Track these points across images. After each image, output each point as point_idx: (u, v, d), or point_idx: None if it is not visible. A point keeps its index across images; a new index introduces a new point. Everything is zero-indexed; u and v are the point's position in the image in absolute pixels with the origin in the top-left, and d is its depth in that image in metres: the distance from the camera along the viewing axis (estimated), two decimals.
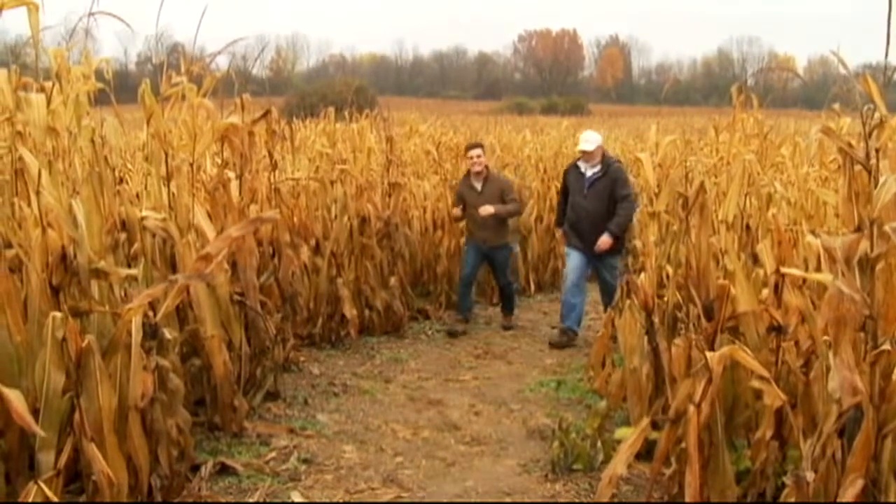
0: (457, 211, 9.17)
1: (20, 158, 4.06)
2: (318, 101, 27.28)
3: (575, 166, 8.71)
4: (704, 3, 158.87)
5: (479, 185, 8.89)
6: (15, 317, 3.68)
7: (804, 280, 4.29)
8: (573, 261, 8.60)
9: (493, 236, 8.94)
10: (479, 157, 8.88)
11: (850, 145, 3.55)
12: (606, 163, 8.47)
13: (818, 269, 4.27)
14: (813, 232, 4.92)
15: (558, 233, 9.11)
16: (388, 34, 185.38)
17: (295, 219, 7.72)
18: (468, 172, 9.03)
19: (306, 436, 5.59)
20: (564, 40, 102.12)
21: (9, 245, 3.84)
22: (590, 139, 8.54)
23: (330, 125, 10.20)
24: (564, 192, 8.85)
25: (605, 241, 8.28)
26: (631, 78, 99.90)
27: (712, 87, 75.99)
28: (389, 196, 8.89)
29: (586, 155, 8.46)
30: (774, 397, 3.90)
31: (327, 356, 7.67)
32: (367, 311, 8.39)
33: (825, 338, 3.62)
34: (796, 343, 4.29)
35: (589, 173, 8.47)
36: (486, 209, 8.64)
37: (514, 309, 9.54)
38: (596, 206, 8.35)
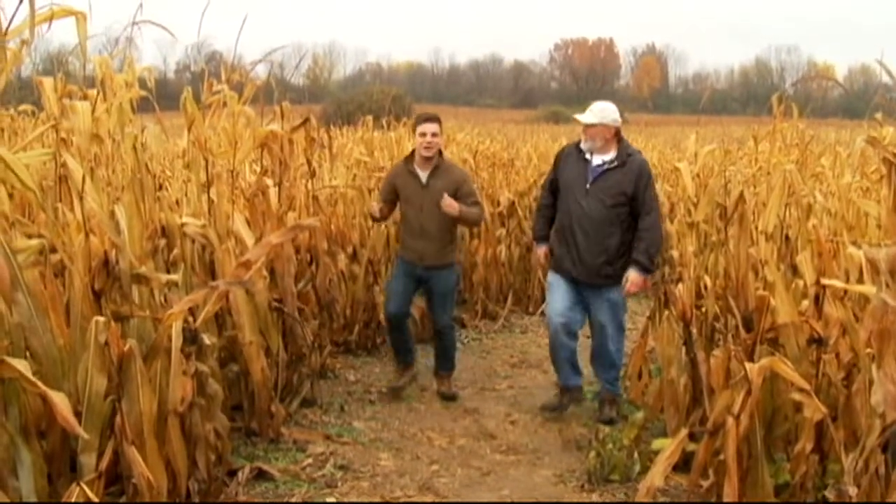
0: (374, 206, 6.78)
1: (64, 164, 4.12)
2: (354, 109, 27.39)
3: (576, 149, 6.22)
4: (742, 11, 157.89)
5: (424, 176, 6.56)
6: (59, 320, 3.72)
7: (845, 292, 4.25)
8: (558, 295, 6.18)
9: (436, 251, 6.59)
10: (433, 135, 6.49)
11: (894, 155, 3.51)
12: (625, 151, 6.04)
13: (860, 280, 4.22)
14: (854, 243, 4.87)
15: (539, 251, 6.55)
16: (424, 42, 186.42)
17: (332, 226, 7.75)
18: (410, 156, 6.71)
19: (342, 443, 5.60)
20: (601, 49, 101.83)
21: (53, 250, 3.89)
22: (595, 110, 6.07)
23: (368, 133, 10.23)
24: (553, 188, 6.38)
25: (635, 280, 5.89)
26: (668, 87, 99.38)
27: (750, 96, 75.48)
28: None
29: (590, 132, 6.03)
30: (815, 410, 3.86)
31: (363, 363, 7.69)
32: None
33: (868, 350, 3.58)
34: (837, 355, 4.25)
35: (597, 161, 6.03)
36: (450, 204, 6.32)
37: (454, 365, 7.01)
38: (601, 210, 5.93)
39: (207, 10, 5.29)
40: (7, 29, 3.47)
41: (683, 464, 4.39)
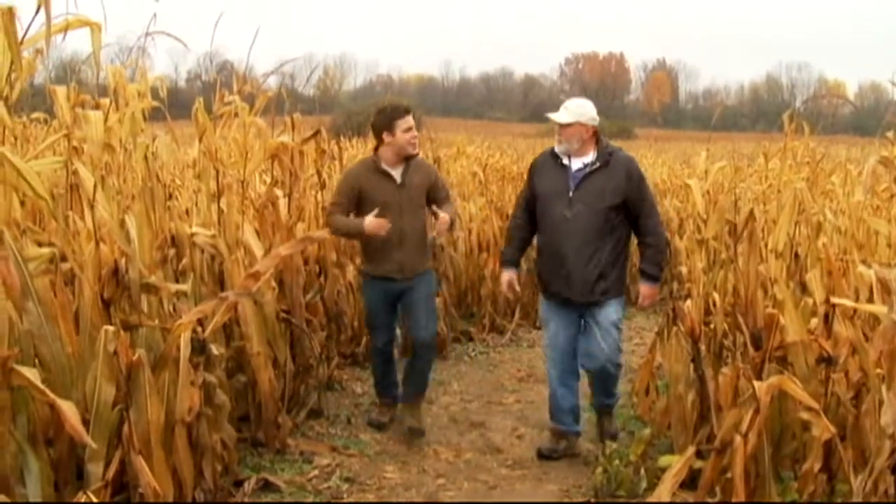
0: (372, 221, 5.56)
1: (75, 173, 4.13)
2: (364, 121, 27.37)
3: (551, 156, 5.57)
4: (753, 27, 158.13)
5: (398, 174, 5.75)
6: (68, 328, 3.73)
7: (855, 311, 4.24)
8: (556, 329, 5.62)
9: (417, 258, 5.87)
10: (415, 127, 5.81)
11: None
12: (606, 150, 5.43)
13: (870, 299, 4.21)
14: (864, 262, 4.86)
15: (504, 277, 5.86)
16: (435, 55, 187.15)
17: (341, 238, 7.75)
18: (374, 156, 5.83)
19: (349, 455, 5.59)
20: (611, 63, 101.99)
21: (64, 258, 3.90)
22: (571, 107, 5.47)
23: None
24: (528, 204, 5.70)
25: (647, 293, 5.58)
26: (678, 102, 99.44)
27: (760, 112, 75.51)
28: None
29: (566, 132, 5.39)
30: (823, 429, 3.84)
31: (370, 375, 7.64)
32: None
33: (878, 371, 3.57)
34: (846, 375, 4.24)
35: (576, 164, 5.42)
36: (444, 221, 5.73)
37: (426, 388, 6.22)
38: (589, 218, 5.32)
39: (220, 20, 5.33)
40: (23, 39, 3.49)
41: (690, 481, 4.37)
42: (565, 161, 5.46)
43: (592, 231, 5.32)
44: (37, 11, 3.44)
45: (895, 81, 3.73)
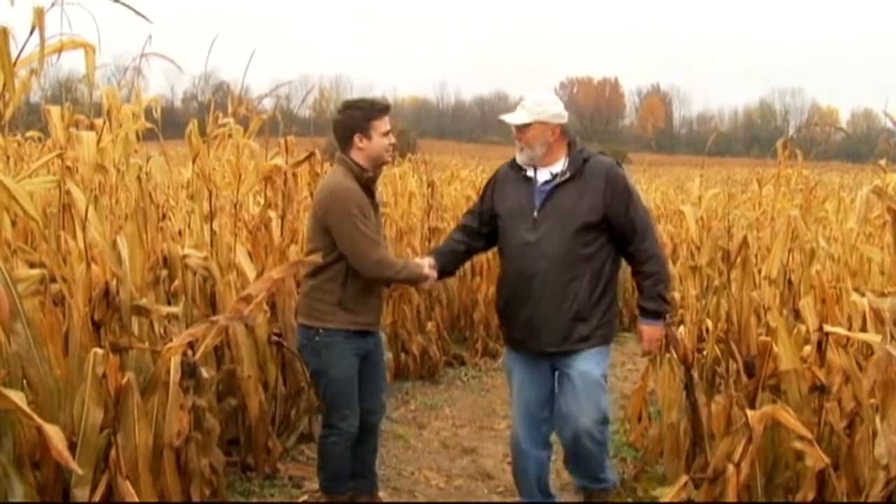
0: (428, 265, 4.57)
1: (68, 192, 4.12)
2: None
3: (511, 167, 4.56)
4: (746, 54, 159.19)
5: (377, 192, 4.65)
6: (56, 350, 3.70)
7: (848, 339, 4.23)
8: (521, 384, 4.56)
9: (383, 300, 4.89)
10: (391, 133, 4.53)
11: None
12: (580, 156, 4.35)
13: (863, 328, 4.20)
14: (857, 289, 4.86)
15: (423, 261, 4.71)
16: (430, 77, 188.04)
17: None
18: (357, 165, 4.43)
19: None
20: (606, 88, 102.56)
21: (53, 279, 3.88)
22: (528, 105, 4.38)
23: None
24: (471, 223, 4.73)
25: (651, 334, 4.48)
26: (672, 127, 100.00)
27: (754, 137, 75.96)
28: (429, 241, 8.88)
29: (525, 137, 4.36)
30: (817, 459, 3.83)
31: None
32: (402, 355, 8.35)
33: (872, 400, 3.55)
34: (839, 403, 4.22)
35: (543, 176, 4.39)
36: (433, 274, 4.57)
37: None
38: (560, 243, 4.26)
39: (216, 42, 5.33)
40: (17, 59, 3.49)
41: None
42: (529, 173, 4.43)
43: (564, 259, 4.26)
44: (31, 32, 3.44)
45: (888, 112, 3.73)
